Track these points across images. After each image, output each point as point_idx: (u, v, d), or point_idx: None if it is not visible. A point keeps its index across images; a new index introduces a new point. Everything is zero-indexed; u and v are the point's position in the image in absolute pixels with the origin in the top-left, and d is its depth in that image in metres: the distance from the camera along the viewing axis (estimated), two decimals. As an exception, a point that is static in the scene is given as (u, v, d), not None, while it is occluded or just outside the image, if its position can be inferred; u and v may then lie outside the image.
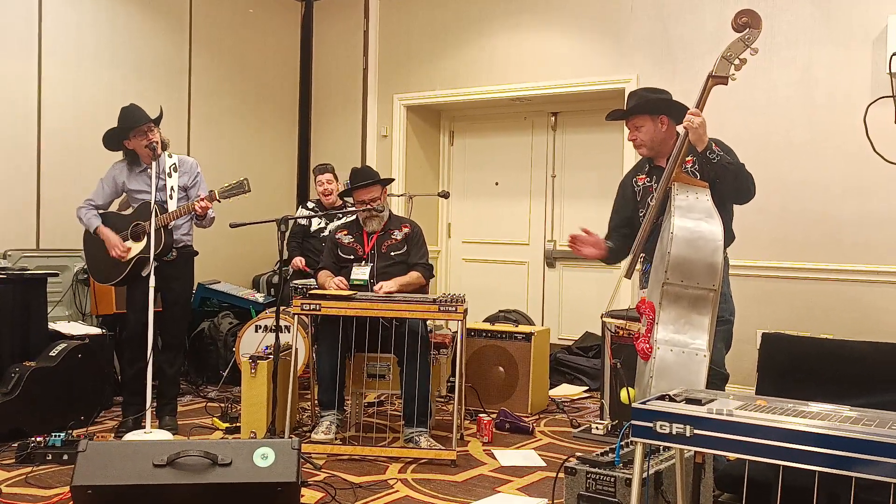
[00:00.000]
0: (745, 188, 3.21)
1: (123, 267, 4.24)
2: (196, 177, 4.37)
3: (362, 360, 4.28)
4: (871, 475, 1.74)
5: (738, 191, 3.21)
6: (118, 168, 4.37)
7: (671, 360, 2.81)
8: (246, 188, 4.11)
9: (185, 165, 4.36)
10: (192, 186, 4.33)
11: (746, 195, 3.25)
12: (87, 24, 5.57)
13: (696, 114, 3.00)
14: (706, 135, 3.04)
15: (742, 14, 2.96)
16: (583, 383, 5.67)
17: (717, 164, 3.09)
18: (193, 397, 5.23)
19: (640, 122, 3.39)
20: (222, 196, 4.14)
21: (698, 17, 5.30)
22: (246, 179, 4.12)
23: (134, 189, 4.33)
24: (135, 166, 4.32)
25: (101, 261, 4.33)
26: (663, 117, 3.38)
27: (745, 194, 3.24)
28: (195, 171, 4.38)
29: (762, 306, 4.95)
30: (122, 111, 4.27)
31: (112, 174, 4.37)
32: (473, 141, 6.98)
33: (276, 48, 7.01)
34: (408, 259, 4.40)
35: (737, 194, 3.24)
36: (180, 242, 4.31)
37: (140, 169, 4.30)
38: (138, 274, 4.17)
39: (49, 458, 3.71)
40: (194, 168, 4.38)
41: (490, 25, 6.25)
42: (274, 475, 2.76)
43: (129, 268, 4.22)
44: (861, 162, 4.63)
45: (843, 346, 3.26)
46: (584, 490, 2.55)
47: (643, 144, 3.41)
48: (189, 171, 4.35)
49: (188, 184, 4.32)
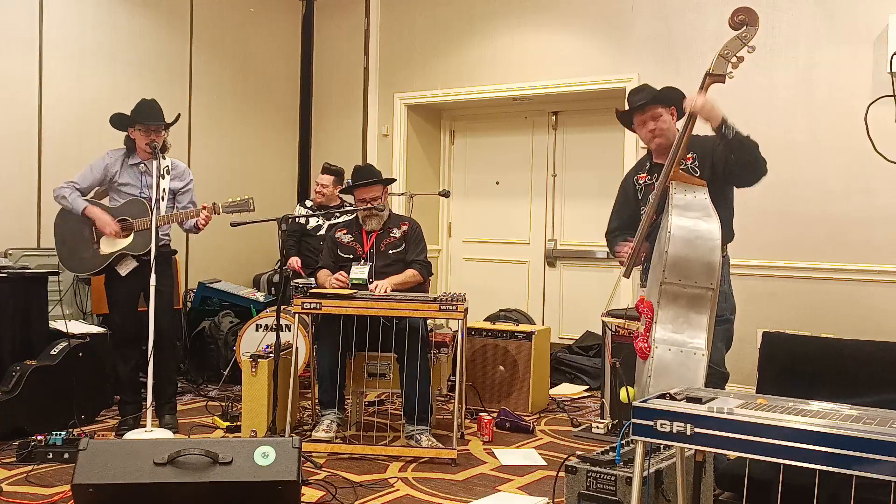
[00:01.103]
0: (760, 163, 3.12)
1: (101, 259, 4.20)
2: (188, 183, 4.36)
3: (363, 359, 4.28)
4: (872, 474, 1.74)
5: (755, 163, 3.11)
6: (113, 157, 4.32)
7: (669, 359, 2.81)
8: (251, 207, 4.10)
9: (178, 170, 4.35)
10: (182, 192, 4.32)
11: (759, 171, 3.15)
12: (88, 23, 5.57)
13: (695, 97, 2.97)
14: (718, 110, 3.01)
15: (739, 12, 2.94)
16: (583, 382, 5.67)
17: (734, 139, 3.04)
18: (194, 396, 5.23)
19: (659, 112, 3.35)
20: (225, 210, 4.14)
21: (700, 15, 5.30)
22: (251, 199, 4.11)
23: (122, 182, 4.29)
24: (130, 158, 4.30)
25: (74, 248, 4.26)
26: (673, 109, 3.37)
27: (759, 170, 3.14)
28: (188, 178, 4.37)
29: (763, 305, 4.95)
30: (142, 102, 4.27)
31: (105, 162, 4.31)
32: (474, 140, 6.98)
33: (277, 47, 7.02)
34: (405, 257, 4.40)
35: (752, 167, 3.13)
36: (160, 242, 4.25)
37: (133, 162, 4.29)
38: (115, 270, 4.14)
39: (50, 456, 3.71)
40: (187, 174, 4.38)
41: (491, 25, 6.25)
42: (274, 474, 2.76)
43: (109, 262, 4.19)
44: (862, 161, 4.63)
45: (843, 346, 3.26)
46: (585, 489, 2.55)
47: (662, 134, 3.34)
48: (181, 175, 4.35)
49: (179, 188, 4.31)
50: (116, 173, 4.31)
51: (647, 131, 3.38)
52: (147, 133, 4.20)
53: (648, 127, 3.37)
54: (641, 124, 3.40)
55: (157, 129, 4.20)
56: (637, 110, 3.40)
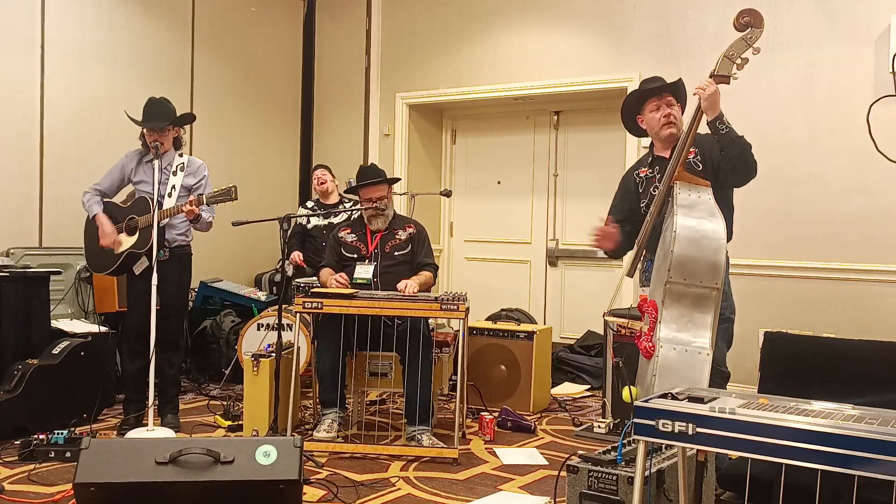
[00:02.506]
0: (750, 164, 3.17)
1: (114, 259, 4.24)
2: (202, 179, 4.36)
3: (364, 359, 4.28)
4: (874, 474, 1.74)
5: (744, 163, 3.16)
6: (129, 156, 4.40)
7: (674, 359, 2.81)
8: (233, 196, 4.07)
9: (193, 166, 4.37)
10: (197, 188, 4.33)
11: (749, 172, 3.20)
12: (89, 23, 5.57)
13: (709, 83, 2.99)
14: (719, 104, 3.03)
15: (744, 13, 2.95)
16: (585, 382, 5.67)
17: (726, 135, 3.07)
18: (196, 395, 5.23)
19: (672, 100, 3.38)
20: (209, 201, 4.13)
21: (701, 15, 5.30)
22: (234, 187, 4.07)
23: (138, 180, 4.35)
24: (145, 156, 4.34)
25: (97, 248, 4.32)
26: (680, 105, 3.40)
27: (748, 171, 3.19)
28: (202, 174, 4.38)
29: (764, 305, 4.94)
30: (147, 102, 4.30)
31: (122, 163, 4.39)
32: (475, 139, 6.98)
33: (279, 46, 7.02)
34: (413, 259, 4.40)
35: (741, 168, 3.18)
36: (174, 242, 4.29)
37: (148, 159, 4.31)
38: (129, 269, 4.16)
39: (52, 455, 3.71)
40: (202, 170, 4.39)
41: (492, 24, 6.25)
42: (276, 473, 2.76)
43: (120, 261, 4.21)
44: (863, 161, 4.63)
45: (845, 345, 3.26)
46: (587, 488, 2.55)
47: (675, 122, 3.35)
48: (196, 172, 4.36)
49: (193, 185, 4.33)
50: (132, 171, 4.36)
51: (662, 116, 3.37)
52: (150, 133, 4.22)
53: (663, 112, 3.37)
54: (655, 109, 3.39)
55: (160, 129, 4.21)
56: (654, 94, 3.40)
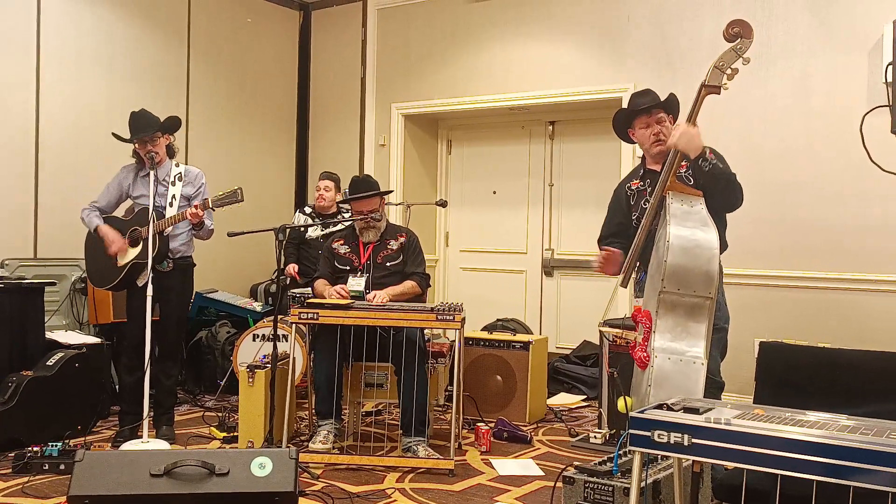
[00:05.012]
0: (734, 198, 3.21)
1: (118, 272, 4.23)
2: (200, 187, 4.37)
3: (360, 370, 4.28)
4: (869, 484, 1.74)
5: (727, 201, 3.21)
6: (125, 171, 4.40)
7: (669, 369, 2.81)
8: (239, 197, 4.10)
9: (191, 175, 4.37)
10: (196, 197, 4.33)
11: (734, 205, 3.25)
12: (85, 32, 5.58)
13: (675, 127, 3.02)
14: (700, 142, 3.04)
15: (733, 24, 2.96)
16: (581, 392, 5.67)
17: (709, 172, 3.09)
18: (191, 406, 5.22)
19: (663, 117, 3.39)
20: (215, 204, 4.14)
21: (696, 25, 5.32)
22: (240, 189, 4.10)
23: (136, 194, 4.35)
24: (141, 170, 4.34)
25: (99, 264, 4.32)
26: (671, 117, 3.41)
27: (733, 204, 3.24)
28: (200, 182, 4.39)
29: (759, 315, 4.95)
30: (131, 116, 4.29)
31: (119, 178, 4.40)
32: (471, 150, 6.99)
33: (275, 57, 7.03)
34: (404, 269, 4.40)
35: (724, 204, 3.23)
36: (177, 253, 4.30)
37: (144, 173, 4.31)
38: (134, 281, 4.16)
39: (46, 467, 3.70)
40: (199, 179, 4.40)
41: (487, 35, 6.26)
42: (271, 485, 2.75)
43: (124, 273, 4.20)
44: (857, 171, 4.64)
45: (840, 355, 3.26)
46: (583, 499, 2.55)
47: (665, 139, 3.34)
48: (194, 181, 4.37)
49: (192, 194, 4.33)
50: (130, 186, 4.37)
51: (652, 134, 3.39)
52: (142, 145, 4.22)
53: (653, 130, 3.39)
54: (645, 126, 3.41)
55: (150, 138, 4.21)
56: (643, 112, 3.41)
